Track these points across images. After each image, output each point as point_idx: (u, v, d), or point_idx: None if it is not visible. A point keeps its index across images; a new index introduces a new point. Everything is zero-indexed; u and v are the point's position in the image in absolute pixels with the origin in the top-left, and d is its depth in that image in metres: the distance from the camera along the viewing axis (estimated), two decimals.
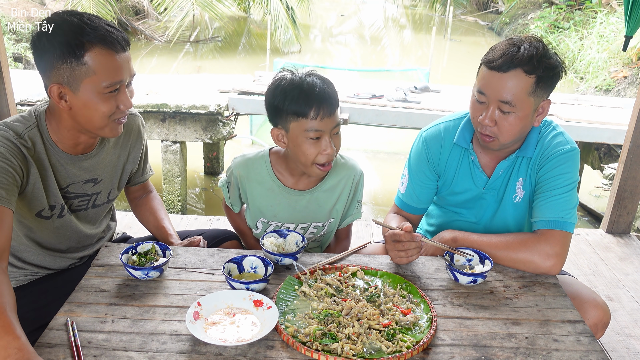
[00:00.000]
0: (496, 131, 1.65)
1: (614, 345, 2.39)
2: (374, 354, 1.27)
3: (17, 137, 1.51)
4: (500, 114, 1.63)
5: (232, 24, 15.33)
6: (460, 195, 1.87)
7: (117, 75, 1.48)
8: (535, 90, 1.60)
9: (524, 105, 1.61)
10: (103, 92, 1.48)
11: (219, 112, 5.03)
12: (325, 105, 1.61)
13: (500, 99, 1.61)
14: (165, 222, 1.91)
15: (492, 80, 1.61)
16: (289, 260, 1.58)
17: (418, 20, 19.41)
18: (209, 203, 5.80)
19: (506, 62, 1.58)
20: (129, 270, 1.51)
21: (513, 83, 1.59)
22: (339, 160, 1.85)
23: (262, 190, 1.82)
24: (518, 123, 1.63)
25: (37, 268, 1.73)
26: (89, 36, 1.43)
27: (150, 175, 1.99)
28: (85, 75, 1.45)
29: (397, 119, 5.27)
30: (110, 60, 1.46)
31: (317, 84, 1.63)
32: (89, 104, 1.49)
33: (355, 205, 1.91)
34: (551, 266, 1.61)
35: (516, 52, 1.58)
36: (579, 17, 11.59)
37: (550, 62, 1.60)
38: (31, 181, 1.55)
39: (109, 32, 1.46)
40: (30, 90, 4.97)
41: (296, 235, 1.67)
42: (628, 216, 3.34)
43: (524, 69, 1.57)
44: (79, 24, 1.44)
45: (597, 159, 5.77)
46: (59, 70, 1.45)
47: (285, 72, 1.68)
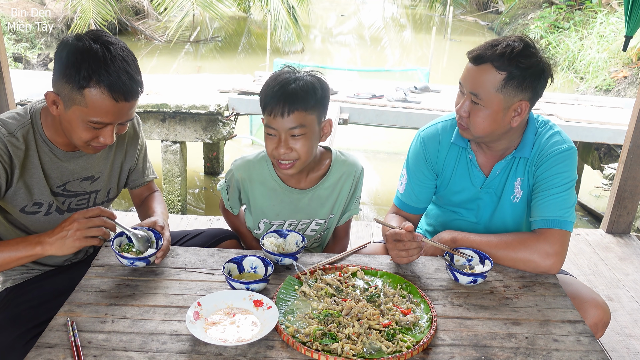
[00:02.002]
0: (468, 122, 1.69)
1: (614, 345, 2.40)
2: (374, 354, 1.27)
3: (8, 135, 1.53)
4: (472, 106, 1.66)
5: (232, 24, 15.33)
6: (458, 195, 1.87)
7: (106, 118, 1.48)
8: (504, 87, 1.60)
9: (491, 100, 1.62)
10: (87, 124, 1.48)
11: (219, 112, 5.03)
12: (282, 105, 1.59)
13: (470, 90, 1.65)
14: (157, 208, 1.88)
15: (467, 72, 1.67)
16: (289, 260, 1.58)
17: (418, 20, 19.42)
18: (209, 203, 5.80)
19: (480, 56, 1.62)
20: (118, 257, 1.52)
21: (483, 77, 1.62)
22: (339, 157, 1.85)
23: (264, 190, 1.82)
24: (487, 118, 1.65)
25: (33, 264, 1.74)
26: (100, 76, 1.42)
27: (152, 178, 1.97)
28: (78, 103, 1.46)
29: (397, 119, 5.27)
30: (107, 105, 1.45)
31: (291, 82, 1.61)
32: (72, 124, 1.50)
33: (354, 201, 1.91)
34: (551, 265, 1.61)
35: (492, 47, 1.61)
36: (579, 17, 11.59)
37: (525, 62, 1.59)
38: (15, 179, 1.56)
39: (121, 80, 1.43)
40: (30, 90, 4.97)
41: (296, 236, 1.67)
42: (628, 216, 3.34)
43: (494, 64, 1.60)
44: (100, 58, 1.42)
45: (597, 159, 5.78)
46: (61, 85, 1.46)
47: (282, 70, 1.68)
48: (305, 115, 1.62)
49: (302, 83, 1.61)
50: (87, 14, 10.18)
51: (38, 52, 9.97)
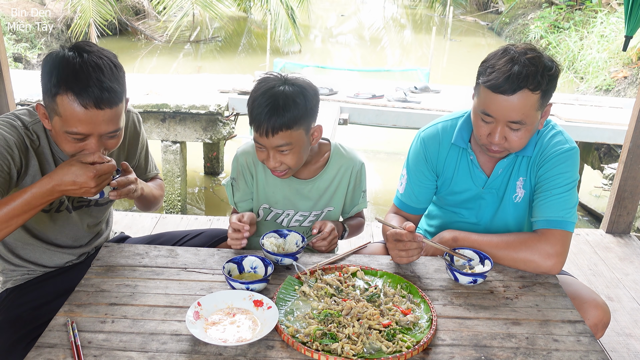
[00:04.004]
0: (507, 146, 1.65)
1: (614, 345, 2.39)
2: (374, 354, 1.27)
3: (24, 129, 1.54)
4: (509, 130, 1.62)
5: (232, 24, 15.33)
6: (460, 195, 1.87)
7: (82, 128, 1.44)
8: (542, 103, 1.61)
9: (533, 119, 1.61)
10: (67, 135, 1.47)
11: (219, 112, 5.03)
12: (266, 126, 1.60)
13: (510, 119, 1.59)
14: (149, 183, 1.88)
15: (498, 103, 1.58)
16: (289, 260, 1.58)
17: (418, 20, 19.41)
18: (209, 203, 5.80)
19: (512, 86, 1.55)
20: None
21: (522, 103, 1.57)
22: (339, 150, 1.88)
23: (267, 175, 1.85)
24: (527, 134, 1.64)
25: (34, 265, 1.74)
26: (67, 83, 1.40)
27: (155, 174, 1.99)
28: (55, 113, 1.45)
29: (397, 119, 5.27)
30: (78, 113, 1.42)
31: (277, 98, 1.60)
32: (58, 137, 1.51)
33: (360, 194, 1.93)
34: (552, 265, 1.61)
35: (520, 72, 1.54)
36: (579, 17, 11.59)
37: (550, 73, 1.58)
38: (30, 173, 1.56)
39: (90, 87, 1.40)
40: (30, 90, 4.97)
41: (296, 236, 1.67)
42: (628, 216, 3.34)
43: (529, 88, 1.55)
44: (72, 65, 1.40)
45: (597, 159, 5.77)
46: (44, 96, 1.47)
47: (268, 76, 1.67)
48: (290, 133, 1.62)
49: (286, 100, 1.60)
50: (87, 14, 10.18)
51: (38, 52, 9.97)
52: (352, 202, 1.93)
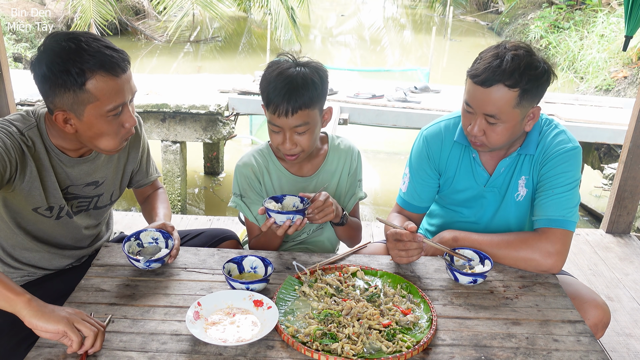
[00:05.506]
0: (485, 140, 1.66)
1: (614, 345, 2.40)
2: (374, 354, 1.27)
3: (19, 134, 1.52)
4: (487, 124, 1.63)
5: (232, 24, 15.33)
6: (462, 194, 1.87)
7: (119, 98, 1.48)
8: (521, 102, 1.59)
9: (509, 117, 1.60)
10: (106, 116, 1.48)
11: (219, 112, 5.03)
12: (286, 105, 1.60)
13: (485, 112, 1.61)
14: (159, 210, 1.88)
15: (476, 94, 1.61)
16: (299, 217, 1.58)
17: (418, 21, 19.41)
18: (209, 203, 5.80)
19: (488, 78, 1.56)
20: (132, 261, 1.52)
21: (496, 98, 1.57)
22: (335, 141, 1.90)
23: (270, 178, 1.85)
24: (505, 132, 1.64)
25: (33, 268, 1.73)
26: (89, 63, 1.41)
27: (156, 177, 1.98)
28: (88, 102, 1.44)
29: (397, 119, 5.27)
30: (112, 85, 1.45)
31: (295, 78, 1.61)
32: (93, 128, 1.49)
33: (356, 184, 1.93)
34: (552, 264, 1.61)
35: (498, 65, 1.55)
36: (579, 17, 11.59)
37: (534, 73, 1.57)
38: (28, 179, 1.54)
39: (108, 56, 1.43)
40: (30, 90, 4.97)
41: (293, 198, 1.68)
42: (628, 216, 3.34)
43: (506, 84, 1.55)
44: (77, 50, 1.41)
45: (597, 159, 5.77)
46: (62, 98, 1.44)
47: (279, 59, 1.69)
48: (308, 112, 1.64)
49: (304, 79, 1.62)
50: (87, 14, 10.18)
51: None
52: (350, 191, 1.93)
